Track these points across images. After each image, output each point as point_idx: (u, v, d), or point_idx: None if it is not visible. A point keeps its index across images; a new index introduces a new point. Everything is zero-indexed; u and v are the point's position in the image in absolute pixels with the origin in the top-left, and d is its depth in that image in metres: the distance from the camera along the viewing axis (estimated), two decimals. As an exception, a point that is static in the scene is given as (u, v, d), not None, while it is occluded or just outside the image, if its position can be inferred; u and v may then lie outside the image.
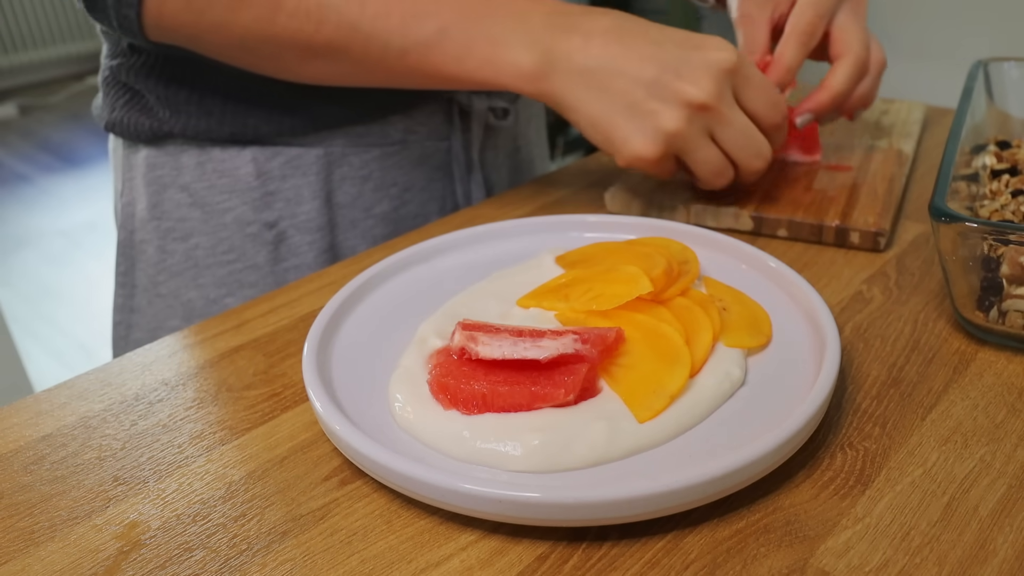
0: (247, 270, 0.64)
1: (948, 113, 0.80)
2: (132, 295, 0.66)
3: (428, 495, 0.35)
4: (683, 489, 0.33)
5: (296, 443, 0.41)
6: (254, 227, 0.64)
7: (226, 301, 0.65)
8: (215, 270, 0.64)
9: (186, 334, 0.50)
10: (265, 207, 0.64)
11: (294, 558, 0.34)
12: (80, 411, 0.44)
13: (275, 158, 0.64)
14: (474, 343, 0.39)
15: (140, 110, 0.63)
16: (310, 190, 0.64)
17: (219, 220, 0.64)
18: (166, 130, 0.62)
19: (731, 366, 0.42)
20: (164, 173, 0.64)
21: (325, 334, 0.45)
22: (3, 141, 3.66)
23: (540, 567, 0.34)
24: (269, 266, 0.65)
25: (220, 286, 0.64)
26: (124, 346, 0.67)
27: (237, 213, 0.64)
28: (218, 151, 0.63)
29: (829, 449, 0.39)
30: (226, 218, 0.64)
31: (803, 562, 0.33)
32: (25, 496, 0.38)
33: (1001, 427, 0.40)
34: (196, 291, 0.64)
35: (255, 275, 0.65)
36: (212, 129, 0.62)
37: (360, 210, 0.66)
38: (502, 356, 0.39)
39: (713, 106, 0.51)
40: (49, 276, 2.57)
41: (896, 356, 0.46)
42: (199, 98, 0.62)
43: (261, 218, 0.64)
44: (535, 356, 0.38)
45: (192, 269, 0.64)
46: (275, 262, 0.65)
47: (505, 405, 0.38)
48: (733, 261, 0.52)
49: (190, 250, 0.64)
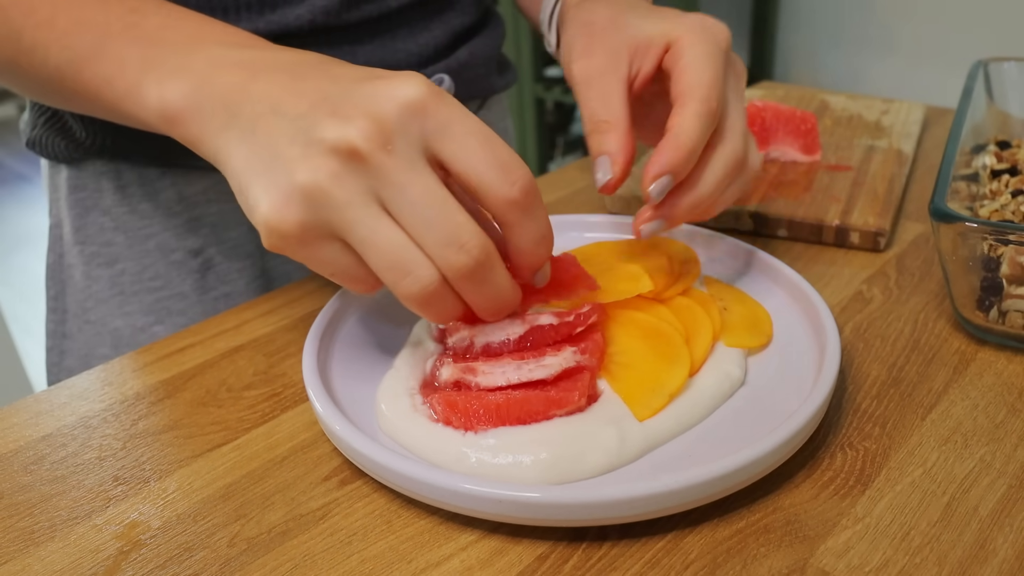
0: (174, 298, 0.60)
1: (948, 113, 0.80)
2: (64, 320, 0.63)
3: (428, 495, 0.35)
4: (683, 489, 0.33)
5: (296, 443, 0.41)
6: (178, 254, 0.60)
7: (155, 329, 0.60)
8: (142, 296, 0.60)
9: (186, 334, 0.50)
10: (189, 233, 0.60)
11: (294, 558, 0.34)
12: (80, 411, 0.44)
13: (198, 182, 0.59)
14: (472, 375, 0.39)
15: (59, 130, 0.59)
16: (236, 215, 0.60)
17: (142, 246, 0.60)
18: (83, 151, 0.59)
19: (731, 366, 0.42)
20: (86, 195, 0.60)
21: (325, 334, 0.45)
22: (3, 141, 3.65)
23: (540, 567, 0.34)
24: (196, 295, 0.60)
25: (148, 313, 0.60)
26: (57, 372, 0.64)
27: (160, 239, 0.60)
28: (137, 174, 0.59)
29: (829, 449, 0.39)
30: (149, 244, 0.60)
31: (803, 562, 0.33)
32: (25, 496, 0.38)
33: (1001, 427, 0.40)
34: (123, 319, 0.61)
35: (183, 303, 0.61)
36: (130, 150, 0.58)
37: None
38: (507, 382, 0.38)
39: (366, 154, 0.33)
40: (49, 276, 2.57)
41: (896, 356, 0.46)
42: None
43: (185, 245, 0.60)
44: (542, 376, 0.38)
45: (119, 296, 0.60)
46: (203, 291, 0.60)
47: (521, 415, 0.38)
48: (733, 261, 0.52)
49: (115, 276, 0.60)
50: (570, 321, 0.40)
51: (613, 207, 0.63)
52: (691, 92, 0.43)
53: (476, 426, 0.37)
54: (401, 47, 0.61)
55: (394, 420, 0.39)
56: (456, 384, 0.39)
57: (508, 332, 0.40)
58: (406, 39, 0.61)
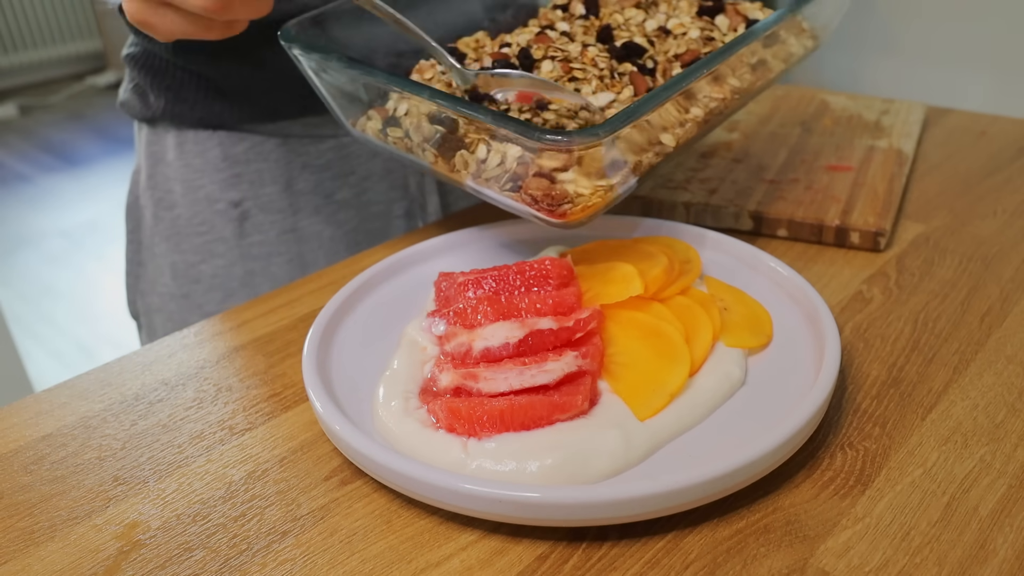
0: (216, 241, 0.70)
1: (948, 113, 0.80)
2: (138, 250, 0.74)
3: (428, 495, 0.35)
4: (683, 489, 0.33)
5: (296, 443, 0.41)
6: (221, 204, 0.70)
7: (201, 267, 0.71)
8: (192, 239, 0.70)
9: (185, 334, 0.50)
10: (231, 187, 0.69)
11: (294, 558, 0.34)
12: (80, 411, 0.44)
13: (240, 143, 0.69)
14: (474, 380, 0.39)
15: (139, 95, 0.70)
16: (271, 175, 0.69)
17: (194, 195, 0.70)
18: (153, 112, 0.69)
19: (731, 366, 0.42)
20: (157, 149, 0.71)
21: (325, 334, 0.45)
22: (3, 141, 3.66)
23: (540, 567, 0.34)
24: (235, 240, 0.70)
25: (196, 253, 0.70)
26: (134, 295, 0.75)
27: (207, 191, 0.70)
28: (192, 134, 0.69)
29: (829, 449, 0.39)
30: (199, 194, 0.70)
31: (803, 562, 0.33)
32: (25, 496, 0.38)
33: (1001, 427, 0.40)
34: (178, 255, 0.71)
35: (223, 247, 0.70)
36: (186, 114, 0.68)
37: (321, 197, 0.71)
38: (509, 388, 0.38)
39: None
40: (49, 276, 2.57)
41: (896, 356, 0.46)
42: (178, 86, 0.67)
43: (227, 197, 0.70)
44: (544, 381, 0.38)
45: (176, 236, 0.71)
46: (240, 236, 0.70)
47: (525, 420, 0.38)
48: (733, 261, 0.52)
49: (174, 219, 0.71)
50: (570, 326, 0.41)
51: (613, 207, 0.63)
52: None
53: (479, 432, 0.37)
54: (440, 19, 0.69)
55: (393, 429, 0.39)
56: (456, 390, 0.39)
57: (508, 336, 0.40)
58: None
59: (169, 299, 0.71)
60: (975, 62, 2.10)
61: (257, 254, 0.70)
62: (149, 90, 0.69)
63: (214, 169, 0.69)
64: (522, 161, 0.43)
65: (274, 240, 0.70)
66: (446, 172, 0.48)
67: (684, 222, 0.58)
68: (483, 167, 0.45)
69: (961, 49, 2.10)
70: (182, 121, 0.69)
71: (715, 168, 0.67)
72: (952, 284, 0.52)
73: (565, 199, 0.43)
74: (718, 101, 0.50)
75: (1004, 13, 2.01)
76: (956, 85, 2.13)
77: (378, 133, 0.51)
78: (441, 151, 0.47)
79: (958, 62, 2.06)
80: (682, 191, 0.62)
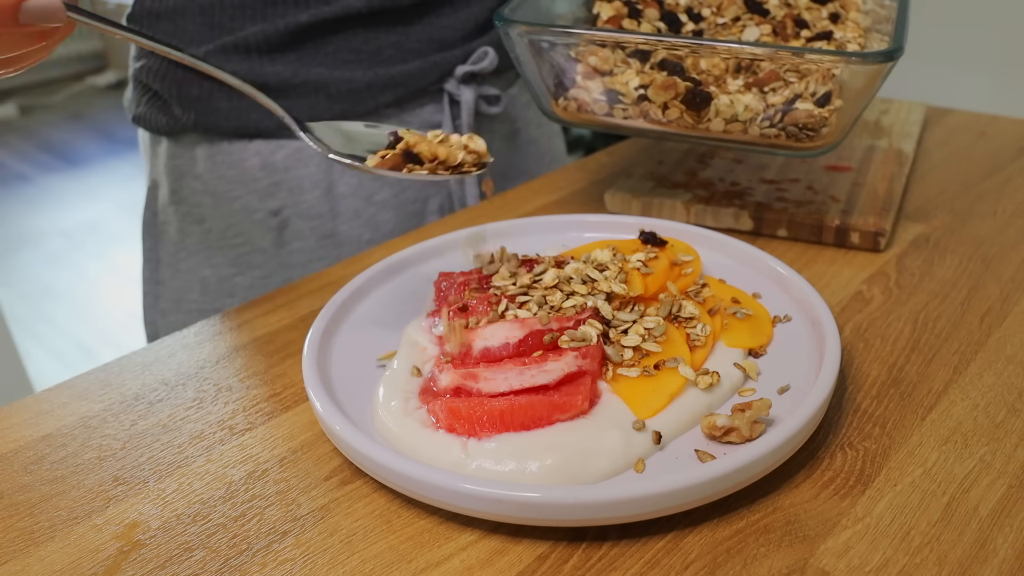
0: (254, 252, 0.69)
1: (948, 113, 0.80)
2: (157, 269, 0.72)
3: (428, 495, 0.35)
4: (683, 489, 0.33)
5: (296, 443, 0.41)
6: (260, 214, 0.68)
7: (236, 280, 0.70)
8: (226, 251, 0.69)
9: (185, 334, 0.50)
10: (270, 196, 0.68)
11: (294, 558, 0.34)
12: (80, 411, 0.44)
13: (279, 151, 0.67)
14: (474, 381, 0.39)
15: (159, 108, 0.68)
16: (311, 180, 0.68)
17: (229, 207, 0.68)
18: (181, 125, 0.67)
19: (731, 366, 0.42)
20: (182, 163, 0.69)
21: (325, 334, 0.45)
22: (3, 141, 3.66)
23: (540, 567, 0.34)
24: (274, 249, 0.69)
25: (231, 266, 0.69)
26: (153, 314, 0.73)
27: (244, 201, 0.68)
28: (226, 144, 0.67)
29: (829, 449, 0.39)
30: (235, 205, 0.68)
31: (803, 562, 0.33)
32: (25, 496, 0.38)
33: (1001, 427, 0.40)
34: (210, 269, 0.70)
35: (261, 257, 0.69)
36: (220, 124, 0.66)
37: (362, 199, 0.69)
38: (509, 388, 0.38)
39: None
40: (49, 276, 2.56)
41: (896, 356, 0.46)
42: (207, 96, 0.66)
43: (266, 206, 0.68)
44: (544, 381, 0.38)
45: (207, 250, 0.69)
46: (279, 246, 0.69)
47: (525, 420, 0.38)
48: (733, 261, 0.52)
49: (204, 233, 0.69)
50: (570, 327, 0.40)
51: (613, 207, 0.63)
52: None
53: (479, 432, 0.37)
54: (446, 24, 0.69)
55: (393, 429, 0.39)
56: (456, 390, 0.39)
57: (508, 336, 0.40)
58: (450, 16, 0.69)
59: (198, 315, 0.70)
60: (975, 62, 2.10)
61: (296, 262, 0.69)
62: (175, 102, 0.67)
63: (251, 179, 0.67)
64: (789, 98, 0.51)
65: (313, 246, 0.69)
66: (686, 128, 0.53)
67: (684, 222, 0.58)
68: (744, 111, 0.51)
69: (961, 49, 2.10)
70: (214, 132, 0.67)
71: (715, 168, 0.67)
72: (952, 284, 0.52)
73: (823, 124, 0.51)
74: None
75: (1004, 13, 2.01)
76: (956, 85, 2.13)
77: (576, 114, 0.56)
78: (690, 105, 0.52)
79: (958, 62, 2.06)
80: (682, 191, 0.62)
